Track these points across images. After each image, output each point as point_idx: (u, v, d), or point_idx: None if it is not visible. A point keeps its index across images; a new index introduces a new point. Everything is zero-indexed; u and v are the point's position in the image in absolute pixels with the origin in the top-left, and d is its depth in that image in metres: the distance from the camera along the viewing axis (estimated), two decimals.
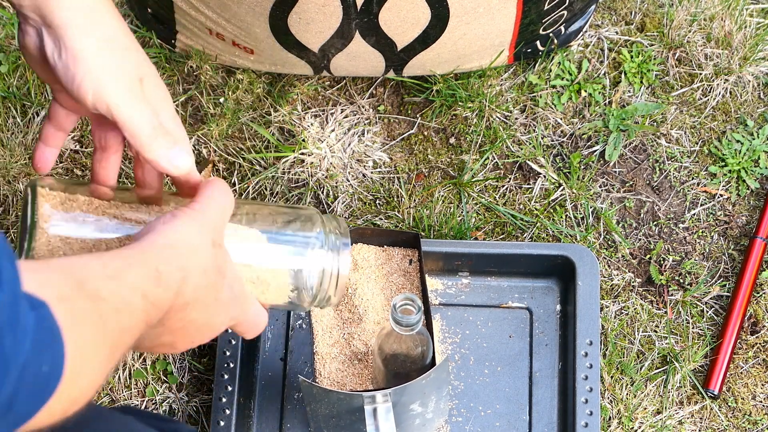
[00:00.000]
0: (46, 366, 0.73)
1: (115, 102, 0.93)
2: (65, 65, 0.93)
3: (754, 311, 1.44)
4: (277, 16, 1.39)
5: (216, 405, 1.35)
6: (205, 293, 0.91)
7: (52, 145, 1.05)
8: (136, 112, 0.94)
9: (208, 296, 0.91)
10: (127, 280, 0.83)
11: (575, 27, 1.52)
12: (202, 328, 0.94)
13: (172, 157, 0.97)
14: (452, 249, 1.41)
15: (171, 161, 0.97)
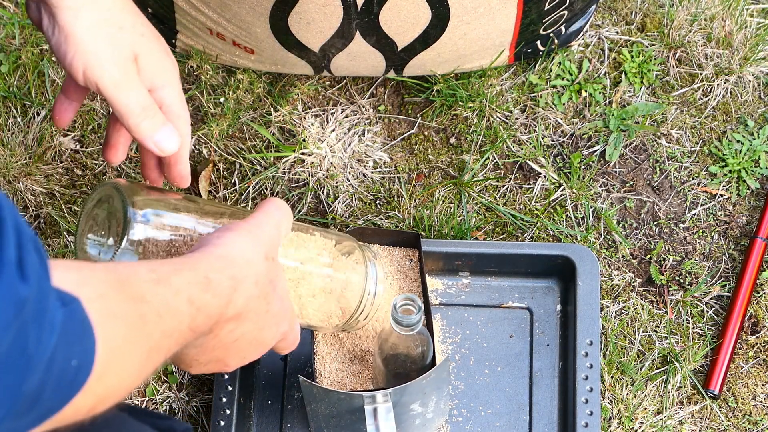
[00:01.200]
0: (75, 360, 0.73)
1: (103, 82, 0.94)
2: (58, 42, 0.95)
3: (755, 311, 1.44)
4: (278, 16, 1.39)
5: (216, 405, 1.35)
6: (257, 304, 0.91)
7: (69, 111, 1.06)
8: (123, 92, 0.95)
9: (260, 307, 0.92)
10: (173, 284, 0.83)
11: (576, 27, 1.52)
12: (254, 342, 0.94)
13: (158, 139, 0.98)
14: (452, 249, 1.41)
15: (157, 143, 0.98)
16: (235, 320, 0.90)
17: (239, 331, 0.91)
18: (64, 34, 0.95)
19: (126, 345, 0.77)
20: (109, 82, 0.96)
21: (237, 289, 0.88)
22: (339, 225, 1.50)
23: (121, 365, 0.77)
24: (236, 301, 0.88)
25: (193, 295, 0.84)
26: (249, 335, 0.93)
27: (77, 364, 0.73)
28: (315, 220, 1.50)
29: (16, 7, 1.62)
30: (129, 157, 1.54)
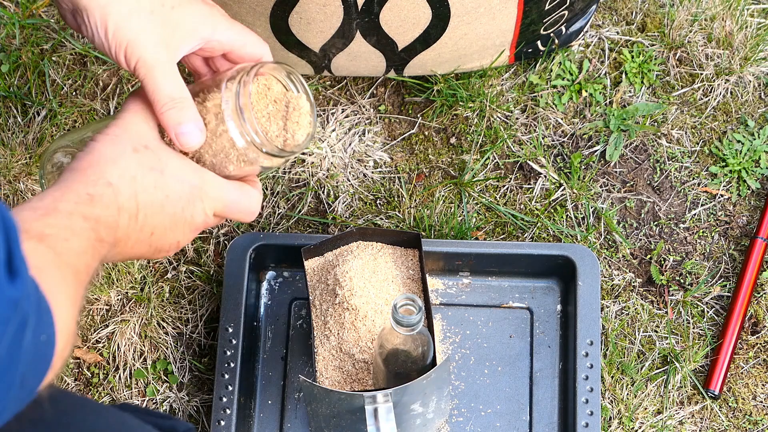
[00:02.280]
0: (44, 334, 0.76)
1: (138, 65, 1.00)
2: (100, 40, 1.00)
3: (755, 311, 1.44)
4: (278, 16, 1.39)
5: (216, 405, 1.35)
6: (149, 196, 0.94)
7: None
8: (154, 78, 0.99)
9: (155, 197, 0.95)
10: (62, 210, 0.87)
11: (576, 27, 1.52)
12: (175, 226, 0.97)
13: (180, 132, 1.00)
14: (453, 249, 1.41)
15: (177, 135, 1.00)
16: (136, 218, 0.93)
17: (149, 224, 0.95)
18: (102, 29, 0.99)
19: (59, 281, 0.80)
20: (141, 66, 1.00)
21: (119, 192, 0.92)
22: (339, 225, 1.50)
23: (64, 300, 0.80)
24: (124, 203, 0.92)
25: (84, 212, 0.88)
26: (163, 223, 0.96)
27: (46, 337, 0.76)
28: (315, 220, 1.50)
29: (17, 6, 1.62)
30: None
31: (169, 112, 1.00)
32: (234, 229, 1.50)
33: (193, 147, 1.02)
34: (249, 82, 1.07)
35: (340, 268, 1.32)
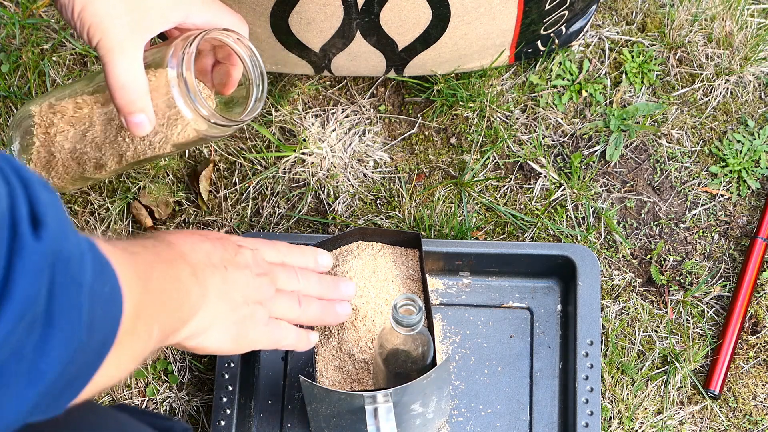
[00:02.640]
0: (107, 287, 0.78)
1: (100, 44, 1.03)
2: (68, 17, 1.04)
3: (755, 311, 1.44)
4: (278, 16, 1.39)
5: (216, 405, 1.35)
6: None
7: None
8: (111, 62, 1.03)
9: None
10: (126, 241, 0.95)
11: (576, 27, 1.52)
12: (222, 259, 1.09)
13: (130, 121, 1.05)
14: (453, 249, 1.41)
15: (128, 124, 1.05)
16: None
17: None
18: (70, 8, 1.02)
19: (124, 265, 0.83)
20: (101, 47, 1.03)
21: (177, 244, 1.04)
22: (340, 225, 1.50)
23: (131, 281, 0.84)
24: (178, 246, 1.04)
25: (145, 243, 0.98)
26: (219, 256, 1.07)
27: (109, 289, 0.78)
28: (315, 220, 1.50)
29: (17, 6, 1.62)
30: None
31: (122, 98, 1.04)
32: (234, 230, 1.50)
33: (142, 135, 1.06)
34: (192, 52, 1.07)
35: (340, 268, 1.32)
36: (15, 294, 0.67)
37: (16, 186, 0.70)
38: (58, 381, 0.73)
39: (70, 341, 0.72)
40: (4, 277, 0.67)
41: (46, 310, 0.70)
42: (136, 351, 0.86)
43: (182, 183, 1.53)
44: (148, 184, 1.52)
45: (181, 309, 0.98)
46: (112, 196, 1.52)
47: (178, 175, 1.53)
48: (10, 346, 0.68)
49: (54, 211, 0.72)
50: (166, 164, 1.53)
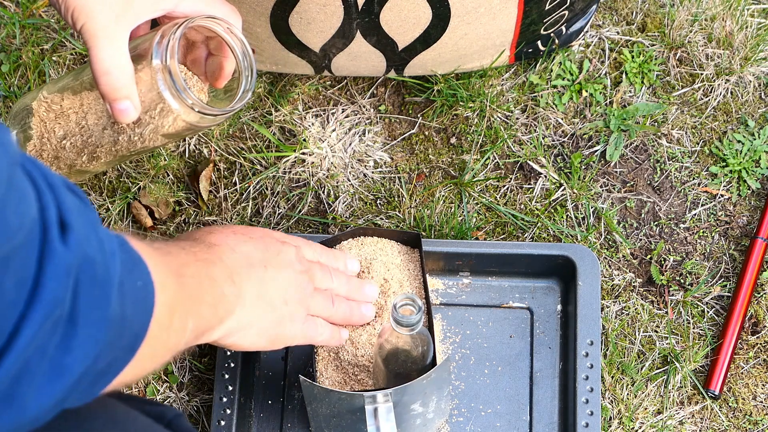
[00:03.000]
0: (140, 281, 0.81)
1: (85, 28, 1.02)
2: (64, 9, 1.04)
3: (755, 311, 1.44)
4: (278, 16, 1.39)
5: (216, 405, 1.35)
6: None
7: None
8: (95, 47, 1.02)
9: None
10: (162, 242, 0.97)
11: (576, 27, 1.52)
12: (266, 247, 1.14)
13: (115, 108, 1.04)
14: (453, 249, 1.41)
15: (113, 112, 1.05)
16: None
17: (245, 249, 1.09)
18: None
19: (157, 263, 0.86)
20: (85, 32, 1.02)
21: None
22: (340, 225, 1.50)
23: (164, 276, 0.86)
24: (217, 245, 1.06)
25: (182, 245, 1.02)
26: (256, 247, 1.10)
27: (142, 284, 0.81)
28: (316, 219, 1.50)
29: (17, 6, 1.62)
30: None
31: (106, 85, 1.03)
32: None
33: (128, 122, 1.05)
34: (176, 39, 1.06)
35: None
36: (43, 297, 0.70)
37: (45, 191, 0.73)
38: (87, 374, 0.76)
39: (95, 338, 0.75)
40: (35, 280, 0.70)
41: (70, 310, 0.73)
42: (170, 344, 0.89)
43: (182, 183, 1.53)
44: (148, 184, 1.52)
45: (216, 307, 1.01)
46: (112, 196, 1.52)
47: (178, 175, 1.53)
48: (35, 345, 0.70)
49: (79, 214, 0.75)
50: (166, 164, 1.53)
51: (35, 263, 0.70)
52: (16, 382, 0.71)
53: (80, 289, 0.73)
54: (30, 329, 0.70)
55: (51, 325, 0.71)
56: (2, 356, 0.70)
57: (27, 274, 0.70)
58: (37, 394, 0.73)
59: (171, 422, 1.04)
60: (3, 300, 0.69)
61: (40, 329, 0.70)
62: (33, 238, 0.70)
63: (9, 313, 0.69)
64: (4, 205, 0.67)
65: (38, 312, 0.70)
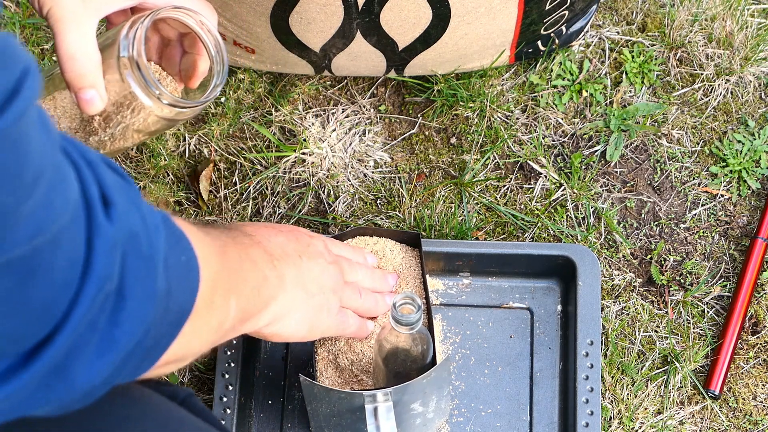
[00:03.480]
0: (184, 256, 0.81)
1: (48, 17, 1.00)
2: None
3: (755, 312, 1.44)
4: (279, 16, 1.39)
5: (217, 404, 1.35)
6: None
7: None
8: (61, 32, 1.00)
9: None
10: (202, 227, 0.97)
11: (576, 27, 1.52)
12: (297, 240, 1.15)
13: (80, 98, 1.03)
14: (453, 249, 1.41)
15: (78, 101, 1.03)
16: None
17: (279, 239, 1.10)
18: None
19: (200, 239, 0.87)
20: (51, 16, 1.00)
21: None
22: (340, 225, 1.50)
23: (207, 252, 0.87)
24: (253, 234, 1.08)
25: (220, 229, 1.02)
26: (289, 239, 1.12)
27: (186, 259, 0.81)
28: (316, 219, 1.50)
29: (17, 6, 1.62)
30: (130, 157, 1.54)
31: (71, 71, 1.01)
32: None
33: (93, 113, 1.03)
34: (144, 29, 1.03)
35: None
36: (94, 273, 0.71)
37: (84, 169, 0.74)
38: (136, 349, 0.77)
39: (143, 312, 0.76)
40: (86, 258, 0.71)
41: (119, 286, 0.74)
42: (214, 323, 0.90)
43: (182, 183, 1.53)
44: (148, 184, 1.52)
45: (259, 290, 1.02)
46: None
47: (178, 175, 1.53)
48: (87, 320, 0.72)
49: (120, 190, 0.76)
50: (166, 164, 1.53)
51: (84, 241, 0.71)
52: (69, 357, 0.72)
53: (127, 263, 0.74)
54: (83, 305, 0.71)
55: (101, 300, 0.73)
56: (57, 332, 0.71)
57: (78, 253, 0.71)
58: (88, 369, 0.74)
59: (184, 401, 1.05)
60: (58, 280, 0.70)
61: (92, 305, 0.72)
62: (78, 216, 0.71)
63: (64, 292, 0.71)
64: (52, 189, 0.68)
65: (91, 288, 0.71)
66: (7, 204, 0.65)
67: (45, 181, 0.67)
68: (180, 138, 1.55)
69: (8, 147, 0.64)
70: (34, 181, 0.66)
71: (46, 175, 0.67)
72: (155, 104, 1.07)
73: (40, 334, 0.71)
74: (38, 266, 0.68)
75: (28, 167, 0.66)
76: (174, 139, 1.55)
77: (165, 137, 1.54)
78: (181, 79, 1.16)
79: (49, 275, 0.69)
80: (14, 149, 0.64)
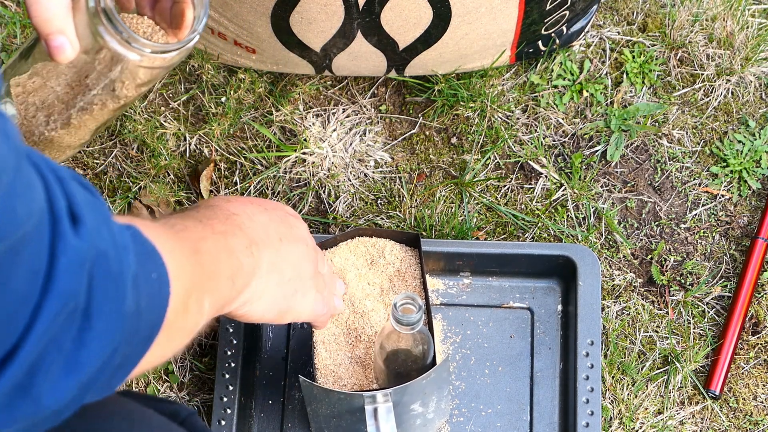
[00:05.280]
0: (154, 273, 0.80)
1: None
2: None
3: (755, 312, 1.44)
4: (279, 16, 1.39)
5: (217, 404, 1.35)
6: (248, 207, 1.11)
7: None
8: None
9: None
10: (173, 216, 0.95)
11: (577, 27, 1.52)
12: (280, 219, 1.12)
13: (51, 45, 0.99)
14: (453, 249, 1.41)
15: (49, 49, 1.00)
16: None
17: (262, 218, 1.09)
18: None
19: (171, 248, 0.85)
20: None
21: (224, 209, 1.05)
22: (340, 224, 1.50)
23: (183, 269, 0.86)
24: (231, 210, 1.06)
25: (194, 215, 0.99)
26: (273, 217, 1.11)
27: (157, 276, 0.80)
28: (316, 219, 1.50)
29: (18, 6, 1.62)
30: (130, 157, 1.55)
31: (37, 16, 0.98)
32: None
33: (65, 61, 1.00)
34: None
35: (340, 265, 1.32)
36: (56, 289, 0.70)
37: (52, 183, 0.72)
38: (104, 368, 0.76)
39: (111, 333, 0.75)
40: (47, 272, 0.69)
41: (86, 305, 0.73)
42: (187, 327, 0.89)
43: (183, 182, 1.53)
44: (148, 184, 1.52)
45: (233, 280, 1.01)
46: (113, 195, 1.52)
47: (178, 175, 1.53)
48: (48, 337, 0.70)
49: (90, 207, 0.74)
50: (166, 164, 1.53)
51: (47, 255, 0.70)
52: (32, 374, 0.71)
53: (95, 283, 0.73)
54: (44, 321, 0.70)
55: (65, 318, 0.71)
56: (18, 348, 0.69)
57: (39, 266, 0.69)
58: (53, 388, 0.73)
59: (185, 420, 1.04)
60: (17, 291, 0.68)
61: (54, 321, 0.70)
62: (42, 228, 0.70)
63: (23, 305, 0.69)
64: (13, 194, 0.66)
65: (52, 303, 0.70)
66: None
67: (3, 184, 0.65)
68: (180, 138, 1.55)
69: None
70: None
71: (3, 178, 0.65)
72: (127, 49, 1.03)
73: (2, 348, 0.69)
74: None
75: None
76: (174, 139, 1.55)
77: (166, 137, 1.54)
78: (173, 33, 1.12)
79: (8, 286, 0.67)
80: None
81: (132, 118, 1.54)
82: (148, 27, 1.09)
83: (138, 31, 1.08)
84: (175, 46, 1.05)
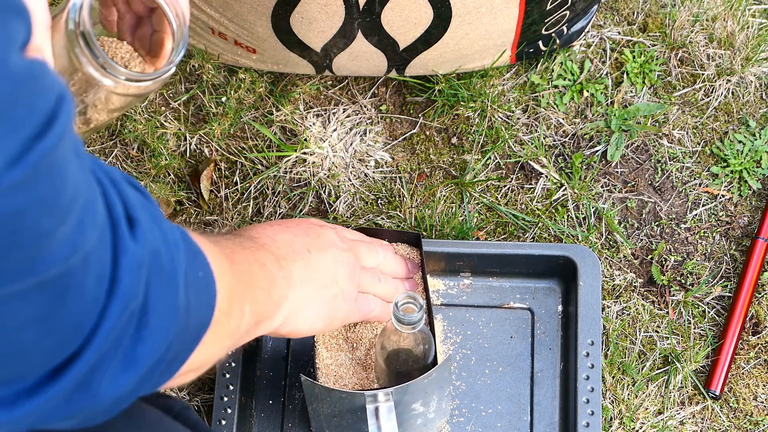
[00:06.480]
0: (201, 272, 0.84)
1: None
2: None
3: (756, 312, 1.44)
4: (280, 16, 1.39)
5: (217, 404, 1.35)
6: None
7: None
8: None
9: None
10: (210, 236, 0.99)
11: (577, 27, 1.52)
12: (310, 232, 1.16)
13: None
14: (454, 249, 1.41)
15: None
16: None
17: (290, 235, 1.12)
18: None
19: (213, 252, 0.89)
20: None
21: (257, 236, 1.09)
22: (341, 224, 1.50)
23: (220, 265, 0.89)
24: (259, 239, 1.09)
25: (228, 236, 1.05)
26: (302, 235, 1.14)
27: (203, 275, 0.83)
28: None
29: None
30: (131, 157, 1.55)
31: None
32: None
33: None
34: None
35: None
36: (119, 291, 0.73)
37: (109, 188, 0.75)
38: (158, 363, 0.79)
39: (166, 328, 0.78)
40: (111, 276, 0.73)
41: (143, 303, 0.76)
42: (231, 330, 0.92)
43: (183, 182, 1.53)
44: (149, 184, 1.52)
45: (269, 291, 1.03)
46: None
47: (179, 175, 1.53)
48: (113, 337, 0.74)
49: (143, 208, 0.78)
50: (167, 164, 1.53)
51: (110, 260, 0.73)
52: (94, 372, 0.74)
53: (151, 281, 0.76)
54: (109, 322, 0.73)
55: (127, 318, 0.74)
56: (84, 349, 0.73)
57: (104, 271, 0.73)
58: (112, 383, 0.76)
59: (179, 414, 1.06)
60: (87, 297, 0.72)
61: (117, 322, 0.74)
62: (105, 235, 0.73)
63: (91, 308, 0.72)
64: (85, 210, 0.70)
65: (116, 305, 0.73)
66: (45, 228, 0.66)
67: (79, 204, 0.69)
68: (181, 138, 1.55)
69: (48, 172, 0.65)
70: (71, 204, 0.68)
71: (80, 198, 0.69)
72: (112, 81, 1.01)
73: (69, 350, 0.72)
74: (70, 285, 0.70)
75: (65, 191, 0.67)
76: (175, 139, 1.55)
77: (166, 137, 1.54)
78: (150, 61, 1.12)
79: (80, 293, 0.71)
80: (54, 174, 0.66)
81: (132, 118, 1.54)
82: (126, 53, 1.09)
83: (116, 56, 1.08)
84: (150, 76, 1.04)
